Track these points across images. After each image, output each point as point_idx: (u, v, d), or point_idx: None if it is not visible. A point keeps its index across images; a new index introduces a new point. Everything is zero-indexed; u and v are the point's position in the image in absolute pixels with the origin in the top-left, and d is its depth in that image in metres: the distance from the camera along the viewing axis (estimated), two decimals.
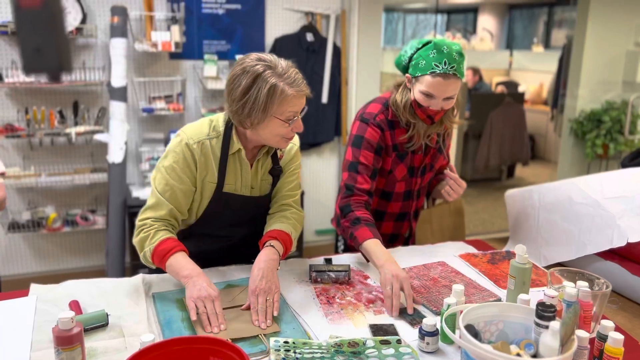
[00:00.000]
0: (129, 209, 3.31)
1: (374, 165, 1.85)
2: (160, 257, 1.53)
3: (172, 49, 3.34)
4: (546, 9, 11.88)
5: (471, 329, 1.16)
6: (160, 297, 1.57)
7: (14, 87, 3.24)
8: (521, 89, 7.73)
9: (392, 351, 1.30)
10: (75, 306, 1.47)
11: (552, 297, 1.29)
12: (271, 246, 1.59)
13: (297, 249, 3.51)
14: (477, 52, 8.22)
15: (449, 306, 1.35)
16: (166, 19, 3.46)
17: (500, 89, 7.36)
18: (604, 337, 1.27)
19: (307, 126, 3.94)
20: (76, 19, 3.26)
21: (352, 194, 1.82)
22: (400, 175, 1.94)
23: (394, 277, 1.52)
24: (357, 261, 1.85)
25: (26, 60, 0.59)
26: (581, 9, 4.60)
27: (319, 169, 4.13)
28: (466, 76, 6.70)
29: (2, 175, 1.86)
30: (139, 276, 1.68)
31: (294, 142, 1.74)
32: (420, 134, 1.88)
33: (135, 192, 3.46)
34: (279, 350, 1.28)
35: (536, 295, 1.55)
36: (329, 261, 1.78)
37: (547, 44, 10.77)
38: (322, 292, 1.62)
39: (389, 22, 9.04)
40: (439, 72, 1.69)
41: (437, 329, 1.33)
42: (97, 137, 3.32)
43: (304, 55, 3.80)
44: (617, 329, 1.42)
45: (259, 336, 1.37)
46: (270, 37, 3.76)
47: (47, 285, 1.62)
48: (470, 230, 4.93)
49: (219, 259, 1.80)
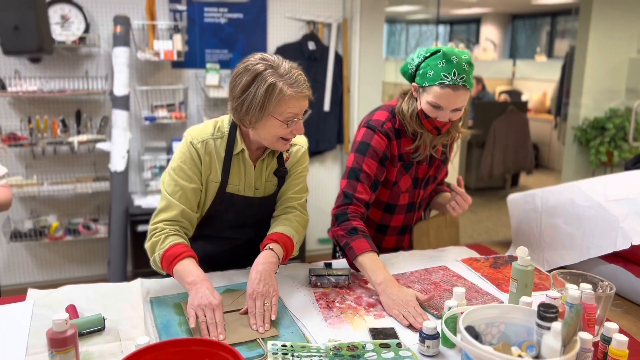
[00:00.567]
0: (131, 218, 3.30)
1: (376, 175, 1.78)
2: (168, 262, 1.51)
3: (175, 57, 3.35)
4: (549, 19, 11.91)
5: (472, 331, 1.13)
6: (158, 301, 1.55)
7: (17, 96, 3.26)
8: (524, 98, 7.72)
9: (391, 355, 1.27)
10: (72, 310, 1.46)
11: (555, 299, 1.26)
12: (270, 249, 1.58)
13: (299, 256, 3.49)
14: (480, 62, 8.24)
15: (449, 309, 1.33)
16: (168, 28, 3.47)
17: (503, 97, 7.36)
18: (608, 340, 1.24)
19: (309, 134, 3.93)
20: (79, 28, 3.29)
21: (350, 203, 1.75)
22: (405, 186, 1.88)
23: (403, 303, 1.49)
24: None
25: (4, 39, 0.58)
26: (583, 17, 4.61)
27: (322, 177, 4.12)
28: None
29: (4, 176, 1.86)
30: (137, 281, 1.67)
31: (301, 144, 1.73)
32: (426, 144, 1.82)
33: (137, 201, 3.45)
34: (277, 353, 1.26)
35: (539, 298, 1.52)
36: (328, 265, 1.76)
37: (550, 54, 10.78)
38: (321, 297, 1.60)
39: (392, 34, 9.07)
40: (447, 83, 1.61)
41: (437, 332, 1.31)
42: (99, 145, 3.32)
43: (305, 63, 3.81)
44: (622, 333, 1.39)
45: (257, 340, 1.35)
46: (272, 46, 3.77)
47: (45, 290, 1.61)
48: (474, 239, 4.90)
49: (225, 262, 1.78)
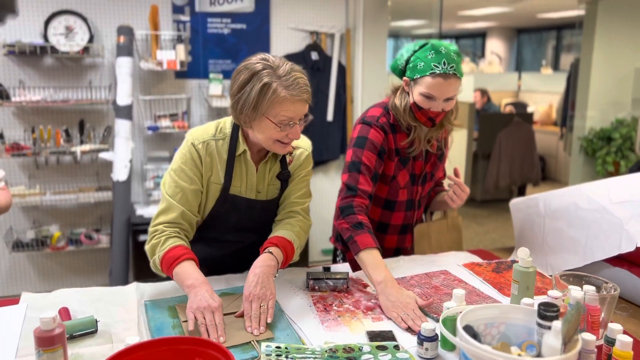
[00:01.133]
0: (133, 227, 3.29)
1: (376, 168, 1.79)
2: (168, 265, 1.49)
3: (178, 67, 3.36)
4: (554, 32, 11.92)
5: (470, 330, 1.10)
6: (152, 304, 1.53)
7: (21, 106, 3.27)
8: (530, 110, 7.69)
9: (389, 357, 1.24)
10: (64, 313, 1.44)
11: (556, 298, 1.23)
12: (269, 252, 1.55)
13: (301, 263, 3.45)
14: (485, 75, 8.23)
15: (448, 309, 1.30)
16: (172, 39, 3.49)
17: (508, 109, 7.32)
18: (612, 341, 1.20)
19: (313, 144, 3.92)
20: (83, 39, 3.31)
21: (355, 195, 1.74)
22: (403, 181, 1.89)
23: (402, 305, 1.45)
24: (356, 270, 1.80)
25: None
26: (587, 30, 4.61)
27: (325, 186, 4.09)
28: (474, 97, 6.68)
29: (2, 179, 1.84)
30: (133, 285, 1.64)
31: (304, 147, 1.71)
32: (421, 138, 1.84)
33: (139, 210, 3.44)
34: (270, 355, 1.23)
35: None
36: (327, 269, 1.73)
37: (556, 67, 10.77)
38: (319, 300, 1.57)
39: (396, 49, 9.10)
40: (439, 72, 1.66)
41: (436, 334, 1.27)
42: (102, 155, 3.32)
43: (309, 73, 3.79)
44: (635, 343, 1.34)
45: (251, 342, 1.32)
46: None
47: (39, 293, 1.59)
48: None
49: (226, 266, 1.76)
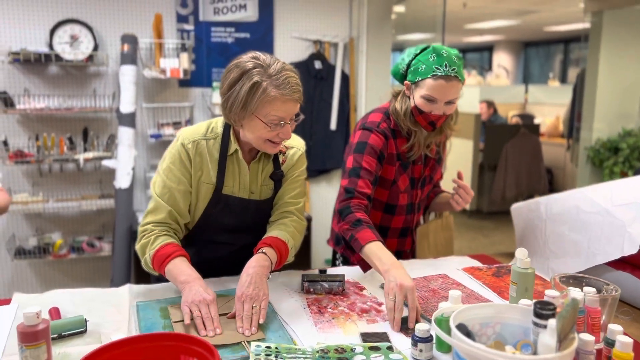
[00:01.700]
0: (135, 235, 3.27)
1: (376, 171, 1.78)
2: (159, 263, 1.49)
3: (181, 75, 3.37)
4: (562, 46, 11.90)
5: (463, 328, 1.07)
6: (144, 305, 1.51)
7: (25, 113, 3.29)
8: (537, 122, 7.65)
9: (381, 358, 1.21)
10: (55, 312, 1.42)
11: (554, 298, 1.19)
12: (263, 253, 1.53)
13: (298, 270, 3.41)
14: (491, 87, 8.21)
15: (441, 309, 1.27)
16: (175, 47, 3.51)
17: (515, 120, 7.28)
18: (612, 342, 1.16)
19: (316, 153, 3.93)
20: (88, 47, 3.33)
21: (353, 197, 1.72)
22: (403, 186, 1.87)
23: (398, 286, 1.40)
24: (352, 272, 1.77)
25: None
26: (593, 43, 4.60)
27: (328, 195, 4.07)
28: (480, 109, 6.65)
29: None
30: (126, 286, 1.63)
31: (298, 147, 1.69)
32: (420, 143, 1.83)
33: (141, 218, 3.43)
34: (260, 355, 1.20)
35: None
36: (323, 272, 1.71)
37: (563, 80, 10.73)
38: (314, 302, 1.54)
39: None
40: (440, 74, 1.66)
41: (430, 336, 1.24)
42: (105, 162, 3.32)
43: (312, 82, 3.81)
44: (635, 345, 1.30)
45: (242, 343, 1.29)
46: None
47: (31, 294, 1.58)
48: None
49: (220, 268, 1.74)
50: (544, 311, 1.06)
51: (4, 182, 3.36)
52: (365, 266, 1.77)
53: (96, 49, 3.33)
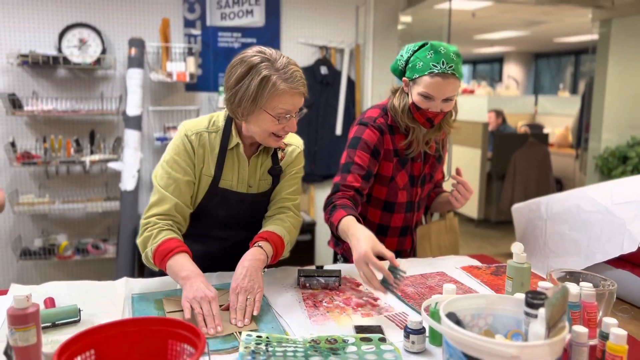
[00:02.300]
0: None
1: (369, 167, 1.78)
2: (161, 258, 1.47)
3: (187, 79, 3.40)
4: (572, 58, 11.85)
5: (452, 316, 1.06)
6: (139, 297, 1.51)
7: (33, 115, 3.33)
8: (546, 132, 7.60)
9: (372, 349, 1.20)
10: (50, 302, 1.42)
11: (547, 289, 1.18)
12: (259, 246, 1.53)
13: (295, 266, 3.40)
14: (501, 97, 8.19)
15: (436, 303, 1.25)
16: (182, 52, 3.54)
17: (523, 129, 7.24)
18: (606, 336, 1.14)
19: (321, 158, 3.93)
20: (96, 51, 3.37)
21: (337, 191, 1.77)
22: (402, 183, 1.87)
23: (356, 260, 1.40)
24: (351, 270, 1.75)
25: None
26: (600, 51, 4.58)
27: None
28: (488, 118, 6.63)
29: None
30: (122, 280, 1.63)
31: (296, 145, 1.71)
32: (419, 139, 1.83)
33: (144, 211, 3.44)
34: (250, 344, 1.19)
35: None
36: (320, 268, 1.70)
37: (574, 91, 10.67)
38: (309, 297, 1.53)
39: None
40: (437, 72, 1.65)
41: (423, 328, 1.23)
42: (111, 165, 3.35)
43: (318, 88, 3.82)
44: (630, 339, 1.28)
45: (234, 334, 1.29)
46: None
47: (28, 285, 1.58)
48: None
49: (214, 264, 1.73)
50: (535, 301, 1.05)
51: (11, 182, 3.40)
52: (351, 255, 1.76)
53: (104, 52, 3.38)
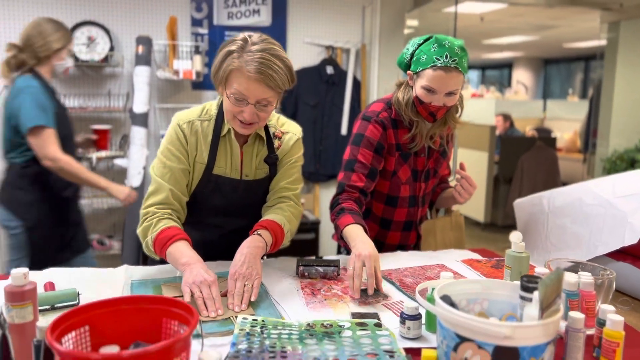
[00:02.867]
0: None
1: (373, 164, 1.79)
2: (161, 246, 1.49)
3: (193, 77, 3.42)
4: (582, 64, 11.80)
5: (447, 299, 1.05)
6: (138, 283, 1.52)
7: None
8: (554, 136, 7.57)
9: (368, 333, 1.19)
10: (49, 286, 1.43)
11: (543, 275, 1.17)
12: (258, 234, 1.53)
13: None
14: (509, 101, 8.17)
15: (433, 289, 1.25)
16: (189, 50, 3.57)
17: (531, 133, 7.21)
18: (603, 323, 1.13)
19: (326, 157, 3.94)
20: (104, 49, 3.41)
21: (342, 191, 1.79)
22: (404, 177, 1.87)
23: (357, 256, 1.46)
24: None
25: None
26: (609, 54, 4.56)
27: None
28: (496, 122, 6.61)
29: None
30: (123, 267, 1.64)
31: (293, 132, 1.71)
32: (422, 134, 1.83)
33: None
34: (245, 327, 1.19)
35: None
36: (319, 258, 1.70)
37: (583, 96, 10.62)
38: (307, 285, 1.53)
39: None
40: (440, 65, 1.64)
41: (419, 313, 1.23)
42: (117, 161, 3.37)
43: (323, 87, 3.83)
44: (630, 330, 1.27)
45: (230, 318, 1.29)
46: None
47: (29, 270, 1.59)
48: None
49: (211, 252, 1.73)
50: (530, 284, 1.04)
51: None
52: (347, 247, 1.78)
53: (112, 50, 3.41)
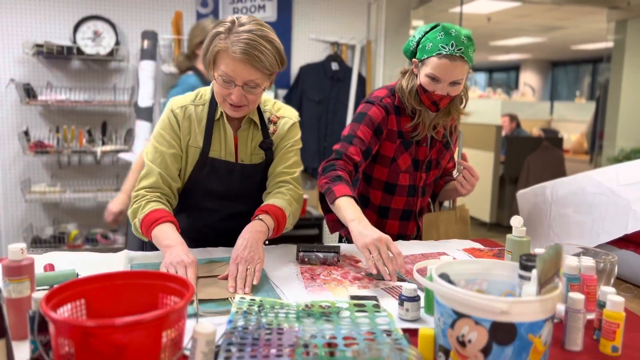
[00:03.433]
0: None
1: (370, 144, 1.77)
2: (147, 227, 1.49)
3: None
4: (590, 66, 11.74)
5: (445, 277, 1.04)
6: (137, 266, 1.52)
7: (47, 105, 3.38)
8: (560, 136, 7.53)
9: (366, 314, 1.19)
10: (49, 268, 1.44)
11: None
12: (259, 219, 1.53)
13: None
14: (515, 103, 8.14)
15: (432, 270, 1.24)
16: None
17: (537, 133, 7.17)
18: (604, 304, 1.12)
19: (331, 153, 3.93)
20: (110, 43, 3.43)
21: (339, 158, 1.73)
22: (404, 165, 1.85)
23: (377, 239, 1.42)
24: (352, 249, 1.74)
25: None
26: (616, 55, 4.54)
27: None
28: (502, 122, 6.58)
29: None
30: (123, 252, 1.64)
31: (289, 117, 1.70)
32: (425, 123, 1.82)
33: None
34: (242, 306, 1.19)
35: None
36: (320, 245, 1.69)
37: (591, 99, 10.56)
38: (307, 271, 1.53)
39: None
40: (445, 53, 1.63)
41: (417, 295, 1.22)
42: (121, 155, 3.38)
43: (328, 83, 3.83)
44: (632, 316, 1.26)
45: (229, 299, 1.29)
46: (295, 65, 3.83)
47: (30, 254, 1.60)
48: None
49: (209, 237, 1.74)
50: (529, 263, 1.03)
51: (24, 171, 3.45)
52: (334, 227, 1.75)
53: (117, 44, 3.43)
